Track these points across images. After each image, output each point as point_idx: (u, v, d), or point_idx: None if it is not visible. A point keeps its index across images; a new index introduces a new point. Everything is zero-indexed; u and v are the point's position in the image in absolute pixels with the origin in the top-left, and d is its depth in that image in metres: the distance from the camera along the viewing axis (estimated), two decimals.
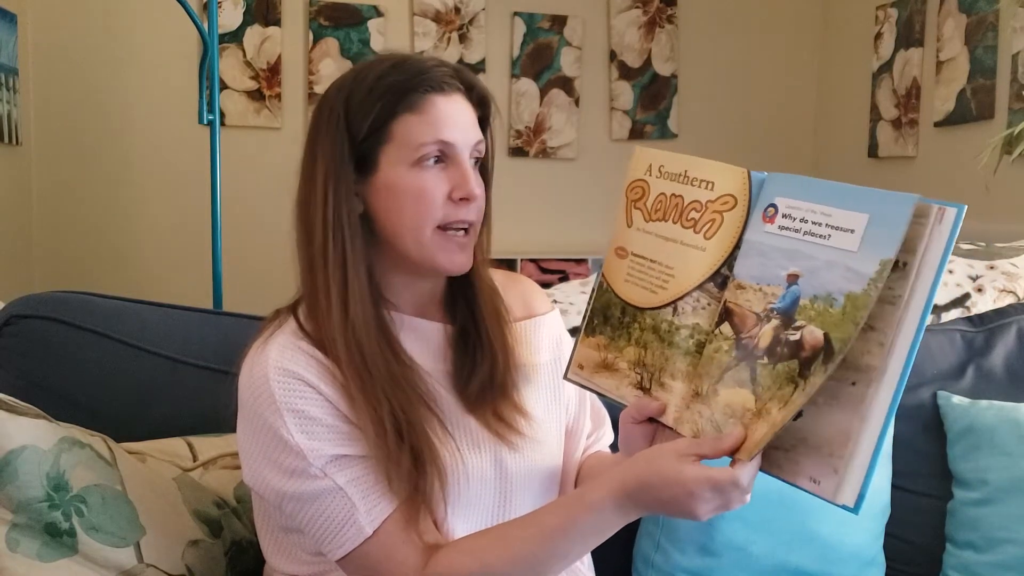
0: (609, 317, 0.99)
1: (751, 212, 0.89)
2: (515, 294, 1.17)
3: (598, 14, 4.22)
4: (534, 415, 1.10)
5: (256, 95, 3.91)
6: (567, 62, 4.19)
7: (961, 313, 1.70)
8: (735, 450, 0.84)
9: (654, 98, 4.30)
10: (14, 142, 3.40)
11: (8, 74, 3.33)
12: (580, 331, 1.03)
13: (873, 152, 3.92)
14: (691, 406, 0.90)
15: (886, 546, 1.48)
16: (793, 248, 0.84)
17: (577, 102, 4.23)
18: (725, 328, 0.88)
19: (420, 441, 0.97)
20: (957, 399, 1.55)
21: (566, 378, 1.04)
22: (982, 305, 1.71)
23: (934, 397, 1.58)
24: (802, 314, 0.82)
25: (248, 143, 3.83)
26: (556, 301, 1.56)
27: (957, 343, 1.64)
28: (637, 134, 4.29)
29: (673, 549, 1.40)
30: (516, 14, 4.13)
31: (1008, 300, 1.73)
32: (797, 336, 0.82)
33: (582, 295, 1.61)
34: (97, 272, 3.78)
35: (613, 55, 4.25)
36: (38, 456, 1.04)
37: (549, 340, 1.17)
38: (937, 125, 3.48)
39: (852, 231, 0.81)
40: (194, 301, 1.61)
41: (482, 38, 4.10)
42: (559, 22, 4.17)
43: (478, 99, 1.06)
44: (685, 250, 0.93)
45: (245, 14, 3.85)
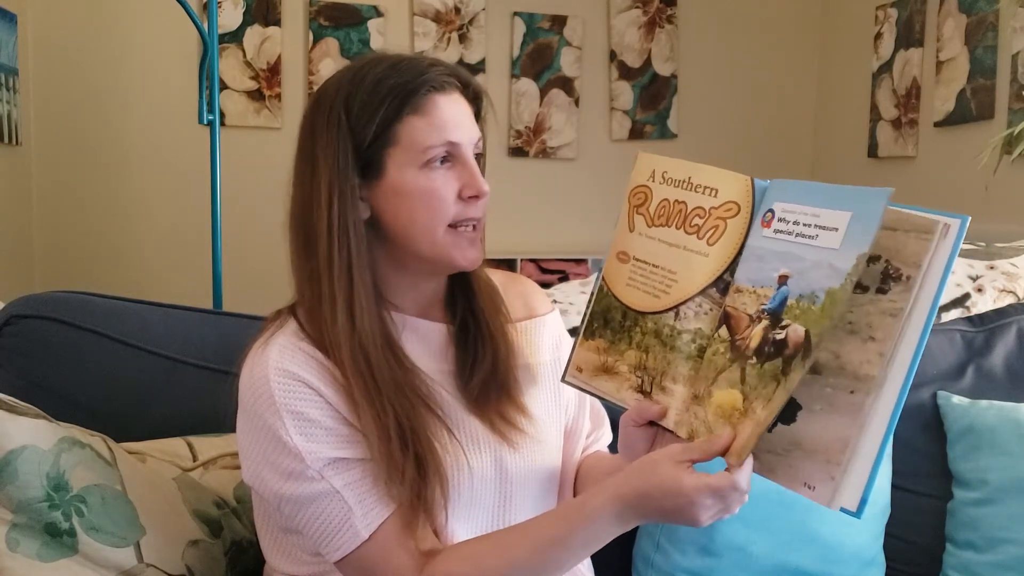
0: (609, 321, 0.99)
1: (753, 219, 0.90)
2: (515, 294, 1.17)
3: (598, 14, 4.22)
4: (535, 415, 1.10)
5: (256, 95, 3.91)
6: (567, 62, 4.19)
7: (961, 313, 1.70)
8: (726, 451, 0.85)
9: (654, 98, 4.30)
10: (14, 142, 3.40)
11: (8, 74, 3.33)
12: (579, 334, 1.03)
13: (873, 152, 3.92)
14: (689, 408, 0.91)
15: (886, 546, 1.48)
16: (785, 250, 0.86)
17: (577, 102, 4.23)
18: (723, 331, 0.89)
19: (424, 449, 0.97)
20: (957, 399, 1.55)
21: (564, 380, 1.05)
22: (982, 305, 1.71)
23: (934, 397, 1.58)
24: (788, 313, 0.84)
25: (248, 143, 3.83)
26: (556, 301, 1.56)
27: (957, 343, 1.64)
28: (637, 134, 4.29)
29: (673, 549, 1.40)
30: (516, 14, 4.13)
31: (1008, 300, 1.73)
32: (783, 335, 0.84)
33: (582, 295, 1.61)
34: (97, 272, 3.79)
35: (613, 55, 4.25)
36: (38, 456, 1.04)
37: (549, 340, 1.17)
38: (937, 125, 3.48)
39: (836, 229, 0.82)
40: (194, 301, 1.61)
41: (482, 38, 4.10)
42: (559, 22, 4.17)
43: (473, 95, 1.07)
44: (688, 256, 0.93)
45: (245, 14, 3.85)
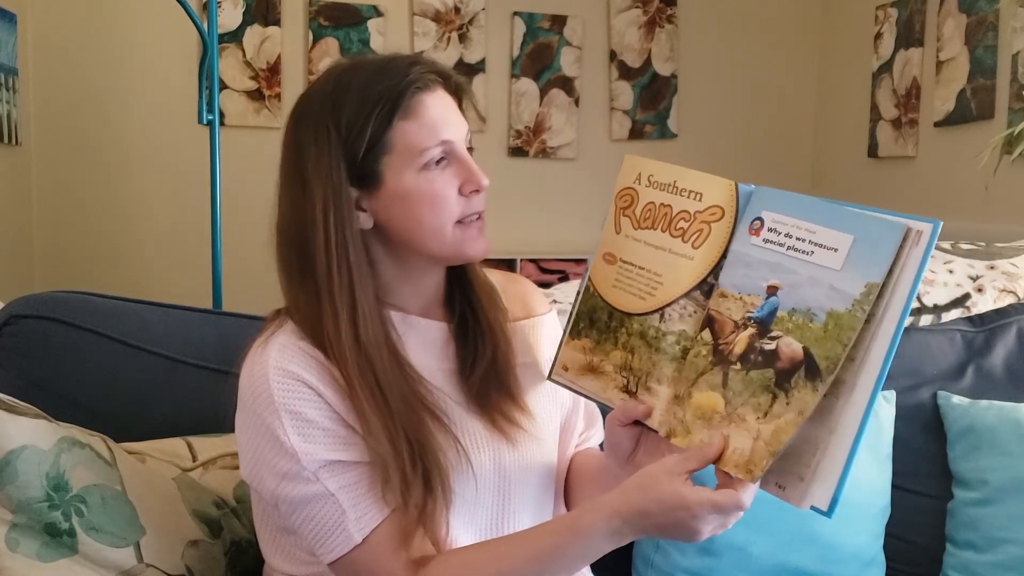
0: (596, 321, 1.01)
1: (737, 223, 0.92)
2: (513, 294, 1.17)
3: (598, 14, 4.22)
4: (534, 413, 1.10)
5: (256, 95, 3.91)
6: (567, 62, 4.19)
7: (961, 313, 1.70)
8: (718, 457, 0.87)
9: (654, 98, 4.30)
10: (14, 142, 3.40)
11: (8, 74, 3.33)
12: (564, 333, 1.05)
13: (873, 152, 3.92)
14: (669, 408, 0.93)
15: (886, 546, 1.48)
16: (776, 261, 0.87)
17: (577, 102, 4.23)
18: (705, 334, 0.91)
19: (432, 465, 0.97)
20: (957, 399, 1.55)
21: (550, 378, 1.06)
22: (982, 305, 1.71)
23: (934, 397, 1.58)
24: (779, 325, 0.85)
25: (248, 143, 3.83)
26: (556, 301, 1.56)
27: (957, 343, 1.64)
28: (637, 134, 4.29)
29: (673, 549, 1.40)
30: (516, 14, 4.13)
31: (1008, 300, 1.73)
32: (772, 346, 0.85)
33: None
34: (97, 272, 3.78)
35: (613, 55, 4.25)
36: (38, 456, 1.04)
37: (548, 340, 1.17)
38: (937, 125, 3.48)
39: (836, 250, 0.84)
40: (194, 301, 1.61)
41: (482, 38, 4.10)
42: (559, 22, 4.17)
43: (454, 86, 1.06)
44: (673, 258, 0.95)
45: (245, 14, 3.85)
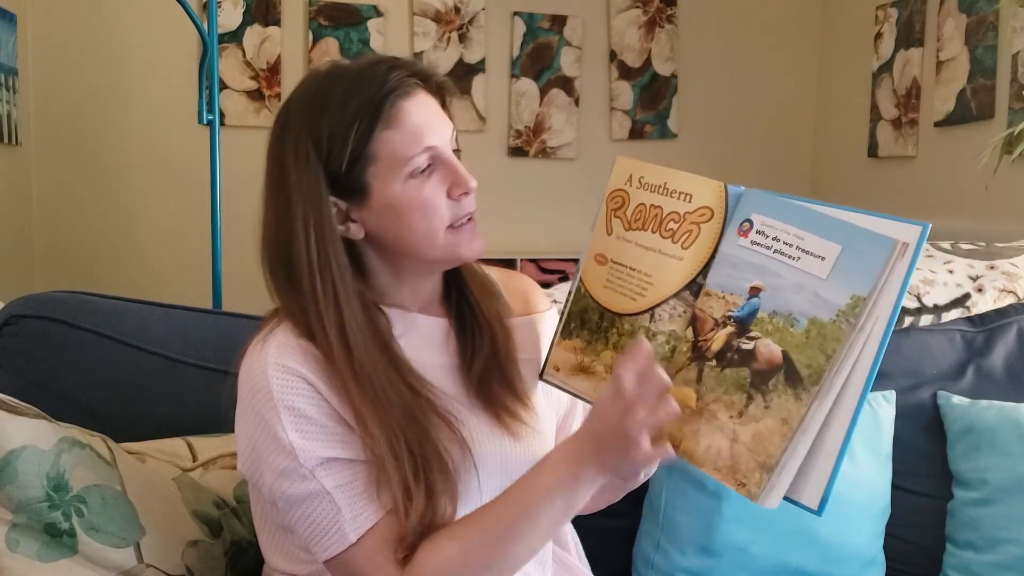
0: (587, 321, 1.02)
1: (726, 224, 0.92)
2: (514, 291, 1.18)
3: (598, 14, 4.22)
4: (534, 407, 1.11)
5: (256, 95, 3.91)
6: (567, 62, 4.19)
7: (961, 313, 1.70)
8: (641, 353, 0.87)
9: (654, 98, 4.30)
10: (14, 142, 3.40)
11: (8, 74, 3.33)
12: (556, 334, 1.05)
13: (873, 152, 3.92)
14: None
15: (886, 546, 1.48)
16: (761, 264, 0.88)
17: (577, 102, 4.23)
18: (688, 333, 0.92)
19: (435, 473, 0.97)
20: (957, 399, 1.55)
21: (542, 379, 1.06)
22: (982, 305, 1.71)
23: (934, 397, 1.58)
24: (759, 326, 0.86)
25: (248, 143, 3.80)
26: (556, 301, 1.56)
27: (957, 343, 1.64)
28: (637, 134, 4.29)
29: (673, 549, 1.40)
30: (516, 14, 4.13)
31: (1008, 300, 1.73)
32: (750, 346, 0.86)
33: None
34: (97, 272, 3.78)
35: (613, 55, 4.25)
36: (38, 456, 1.04)
37: (549, 337, 1.17)
38: (937, 125, 3.48)
39: (823, 258, 0.84)
40: (194, 301, 1.61)
41: (482, 38, 4.10)
42: (559, 22, 4.17)
43: (436, 87, 1.05)
44: (663, 259, 0.96)
45: (245, 14, 3.85)
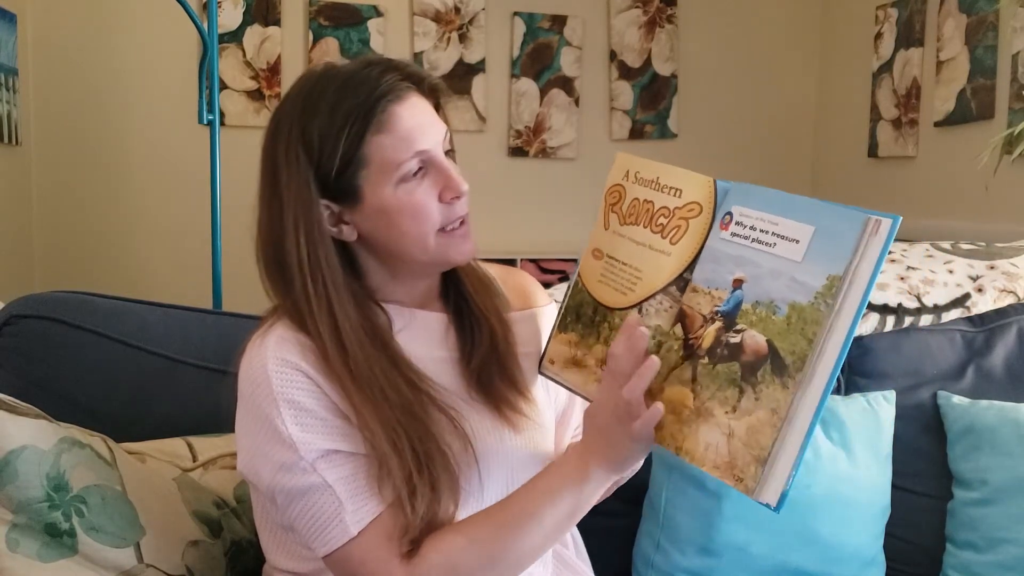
0: (582, 315, 1.02)
1: (715, 220, 0.92)
2: (513, 286, 1.19)
3: (598, 14, 4.22)
4: (535, 400, 1.11)
5: (256, 95, 3.91)
6: (567, 62, 4.19)
7: (961, 313, 1.70)
8: (630, 335, 0.90)
9: (654, 98, 4.30)
10: (14, 142, 3.40)
11: (8, 74, 3.33)
12: (554, 327, 1.06)
13: (873, 152, 3.92)
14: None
15: (886, 546, 1.48)
16: (741, 254, 0.88)
17: (577, 102, 4.22)
18: (677, 329, 0.92)
19: (438, 469, 0.97)
20: (957, 399, 1.55)
21: (540, 372, 1.08)
22: (982, 305, 1.71)
23: (934, 397, 1.58)
24: (743, 318, 0.86)
25: (248, 143, 3.79)
26: (556, 301, 1.56)
27: (957, 343, 1.64)
28: (637, 134, 4.29)
29: (673, 549, 1.40)
30: (516, 14, 4.13)
31: (1008, 300, 1.73)
32: (737, 339, 0.86)
33: None
34: (97, 272, 3.78)
35: (613, 55, 4.25)
36: (38, 456, 1.04)
37: (546, 331, 1.17)
38: (937, 125, 3.48)
39: (797, 241, 0.84)
40: (194, 301, 1.61)
41: (482, 38, 4.10)
42: (559, 22, 4.17)
43: (429, 88, 1.05)
44: (653, 254, 0.96)
45: (245, 14, 3.85)
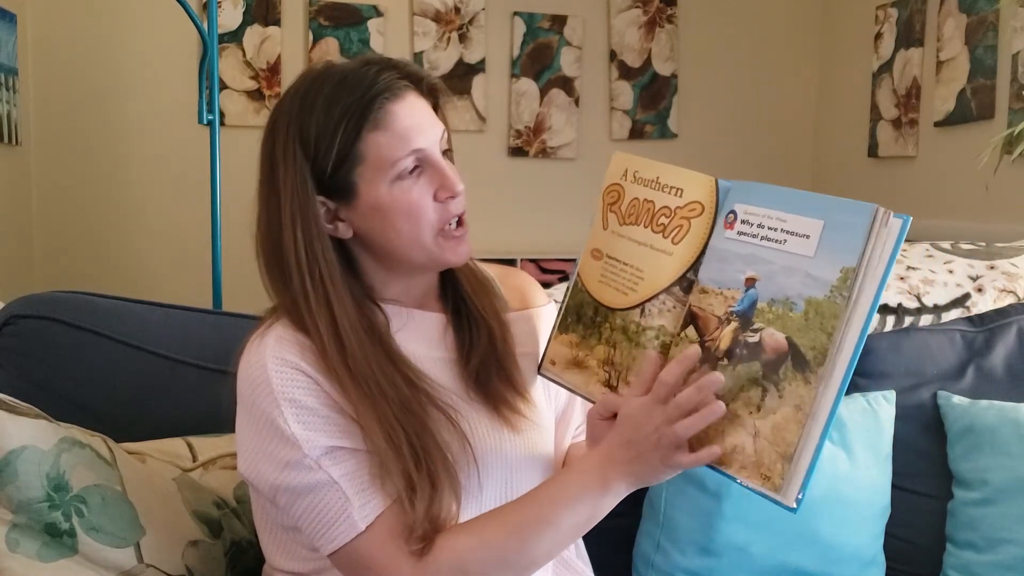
0: (582, 316, 1.02)
1: (717, 219, 0.92)
2: (512, 287, 1.19)
3: (598, 14, 4.22)
4: (534, 400, 1.11)
5: (256, 95, 3.91)
6: (567, 62, 4.19)
7: (961, 313, 1.70)
8: (659, 366, 0.90)
9: (654, 98, 4.30)
10: (14, 142, 3.40)
11: (8, 74, 3.33)
12: (554, 328, 1.06)
13: (873, 152, 3.92)
14: None
15: (886, 546, 1.48)
16: (750, 253, 0.87)
17: (577, 102, 4.23)
18: (690, 331, 0.91)
19: (437, 464, 0.97)
20: (957, 399, 1.55)
21: (540, 373, 1.07)
22: (982, 305, 1.71)
23: (934, 397, 1.58)
24: (760, 317, 0.85)
25: (248, 143, 3.78)
26: (556, 301, 1.56)
27: (957, 343, 1.64)
28: (637, 134, 4.29)
29: (673, 549, 1.40)
30: (516, 14, 4.13)
31: (1008, 300, 1.73)
32: (756, 338, 0.85)
33: None
34: (97, 272, 3.78)
35: (613, 55, 4.25)
36: (38, 456, 1.04)
37: (545, 331, 1.17)
38: (937, 125, 3.48)
39: (808, 236, 0.84)
40: (194, 301, 1.61)
41: (482, 38, 4.10)
42: (559, 22, 4.17)
43: (428, 88, 1.06)
44: (654, 254, 0.96)
45: (245, 14, 3.85)
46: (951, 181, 3.42)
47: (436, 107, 1.07)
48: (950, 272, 1.74)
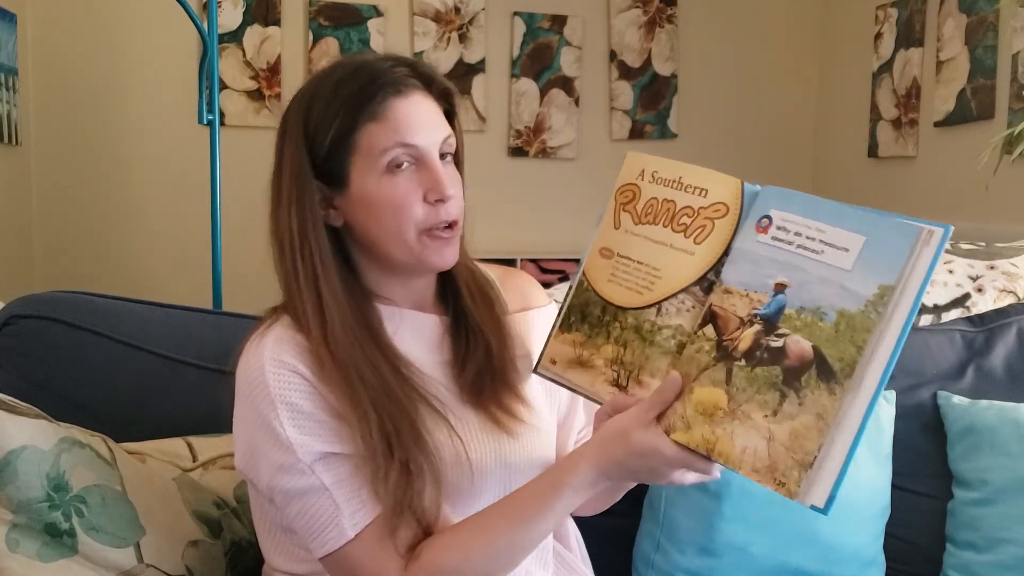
0: (588, 315, 1.01)
1: (741, 221, 0.92)
2: (512, 287, 1.18)
3: (598, 14, 4.22)
4: (533, 404, 1.11)
5: (256, 95, 3.91)
6: (567, 62, 4.19)
7: (961, 313, 1.70)
8: (678, 391, 0.89)
9: (654, 98, 4.30)
10: (14, 142, 3.40)
11: (8, 74, 3.33)
12: (554, 327, 1.05)
13: (873, 152, 3.92)
14: None
15: (886, 546, 1.48)
16: (785, 260, 0.87)
17: (577, 102, 4.23)
18: (708, 330, 0.91)
19: (412, 451, 0.97)
20: (957, 399, 1.55)
21: (536, 372, 1.06)
22: (982, 305, 1.71)
23: (934, 397, 1.58)
24: (787, 323, 0.85)
25: (248, 143, 3.81)
26: (556, 301, 1.56)
27: (957, 343, 1.64)
28: (637, 134, 4.29)
29: (673, 549, 1.40)
30: (516, 14, 4.13)
31: (1008, 300, 1.73)
32: (780, 343, 0.85)
33: None
34: (97, 272, 3.78)
35: (613, 55, 4.25)
36: (38, 456, 1.04)
37: (545, 332, 1.17)
38: (937, 125, 3.48)
39: (847, 250, 0.83)
40: (194, 301, 1.61)
41: (482, 38, 4.10)
42: (559, 22, 4.17)
43: (440, 92, 1.06)
44: (674, 253, 0.95)
45: (245, 14, 3.85)
46: (951, 181, 3.42)
47: (450, 113, 1.07)
48: (950, 272, 1.74)
